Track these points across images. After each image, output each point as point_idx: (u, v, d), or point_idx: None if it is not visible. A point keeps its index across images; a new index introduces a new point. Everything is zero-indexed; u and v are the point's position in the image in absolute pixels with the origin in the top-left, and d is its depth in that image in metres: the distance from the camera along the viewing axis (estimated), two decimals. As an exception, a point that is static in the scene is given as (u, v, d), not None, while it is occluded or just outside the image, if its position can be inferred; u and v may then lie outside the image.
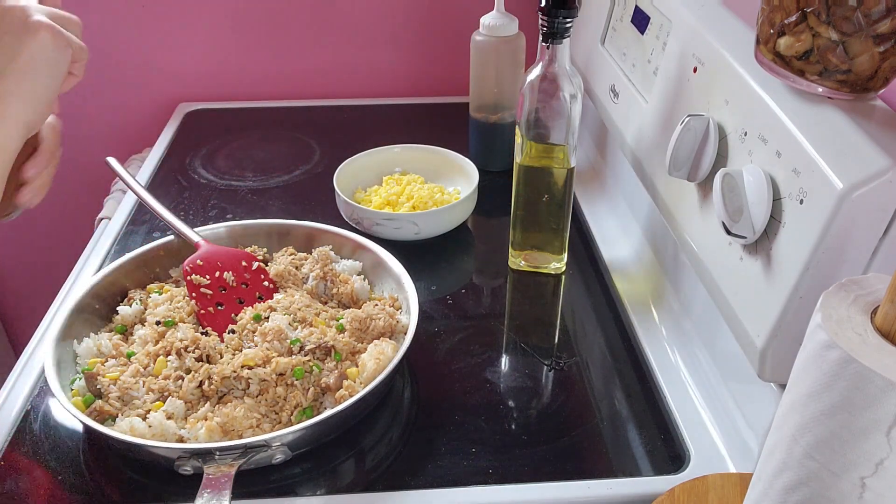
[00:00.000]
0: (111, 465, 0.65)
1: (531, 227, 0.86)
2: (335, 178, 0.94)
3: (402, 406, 0.72)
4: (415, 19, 1.26)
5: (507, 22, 0.99)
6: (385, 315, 0.73)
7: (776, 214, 0.56)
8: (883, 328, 0.38)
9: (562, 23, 0.73)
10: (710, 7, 0.73)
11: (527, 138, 0.80)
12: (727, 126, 0.63)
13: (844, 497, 0.39)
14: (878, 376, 0.36)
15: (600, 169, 1.09)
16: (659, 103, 0.77)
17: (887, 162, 0.49)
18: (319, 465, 0.65)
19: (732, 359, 0.69)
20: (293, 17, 1.24)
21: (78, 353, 0.70)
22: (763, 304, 0.56)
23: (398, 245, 0.87)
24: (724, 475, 0.59)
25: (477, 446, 0.67)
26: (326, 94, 1.31)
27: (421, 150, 1.03)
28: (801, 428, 0.40)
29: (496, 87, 1.03)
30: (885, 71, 0.53)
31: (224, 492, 0.56)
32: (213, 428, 0.61)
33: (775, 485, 0.43)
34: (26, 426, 0.69)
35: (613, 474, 0.64)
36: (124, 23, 1.21)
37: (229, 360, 0.67)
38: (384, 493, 0.63)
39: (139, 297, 0.76)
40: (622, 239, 0.95)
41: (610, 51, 0.93)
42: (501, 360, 0.77)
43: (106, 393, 0.66)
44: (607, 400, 0.72)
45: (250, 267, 0.78)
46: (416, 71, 1.31)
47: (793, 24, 0.54)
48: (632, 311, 0.83)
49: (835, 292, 0.41)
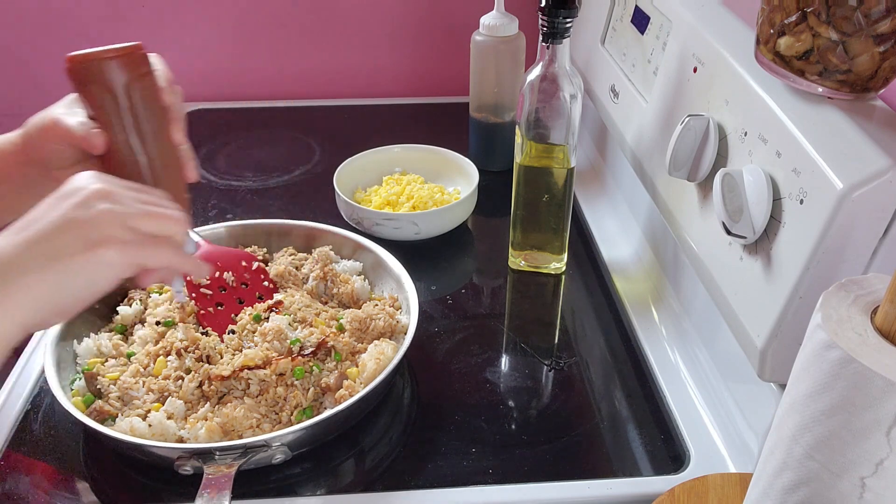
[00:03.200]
0: (111, 465, 0.65)
1: (531, 227, 0.86)
2: (335, 178, 0.94)
3: (402, 406, 0.72)
4: (415, 19, 1.26)
5: (507, 22, 0.99)
6: (385, 315, 0.73)
7: (776, 214, 0.56)
8: (883, 328, 0.38)
9: (562, 23, 0.73)
10: (710, 7, 0.73)
11: (527, 138, 0.80)
12: (727, 126, 0.63)
13: (844, 497, 0.39)
14: (878, 376, 0.36)
15: (600, 169, 1.09)
16: (659, 103, 0.77)
17: (887, 162, 0.49)
18: (319, 465, 0.65)
19: (732, 359, 0.69)
20: (293, 18, 1.24)
21: (78, 353, 0.70)
22: (763, 304, 0.56)
23: (398, 245, 0.87)
24: (724, 475, 0.59)
25: (477, 446, 0.67)
26: (326, 94, 1.31)
27: (421, 150, 1.03)
28: (801, 428, 0.40)
29: (496, 87, 1.03)
30: (885, 71, 0.53)
31: (224, 492, 0.56)
32: (213, 428, 0.61)
33: (775, 485, 0.43)
34: (26, 426, 0.69)
35: (613, 474, 0.64)
36: (124, 23, 1.21)
37: (229, 361, 0.67)
38: (384, 493, 0.63)
39: (139, 297, 0.76)
40: (622, 239, 0.95)
41: (610, 51, 0.93)
42: (501, 360, 0.77)
43: (106, 393, 0.66)
44: (607, 400, 0.72)
45: (250, 267, 0.78)
46: (416, 71, 1.31)
47: (793, 24, 0.54)
48: (632, 311, 0.83)
49: (835, 292, 0.41)
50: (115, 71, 0.55)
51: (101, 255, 0.47)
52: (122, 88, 0.55)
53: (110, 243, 0.47)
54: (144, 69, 0.57)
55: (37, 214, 0.48)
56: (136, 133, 0.57)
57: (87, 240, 0.47)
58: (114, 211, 0.48)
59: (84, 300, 0.48)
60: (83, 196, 0.48)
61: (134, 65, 0.56)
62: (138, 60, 0.56)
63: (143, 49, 0.57)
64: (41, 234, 0.46)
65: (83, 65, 0.55)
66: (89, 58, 0.55)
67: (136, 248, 0.48)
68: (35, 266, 0.45)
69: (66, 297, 0.47)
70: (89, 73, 0.55)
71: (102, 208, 0.48)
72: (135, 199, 0.50)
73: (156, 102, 0.58)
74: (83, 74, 0.55)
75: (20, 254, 0.45)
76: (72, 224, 0.47)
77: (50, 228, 0.46)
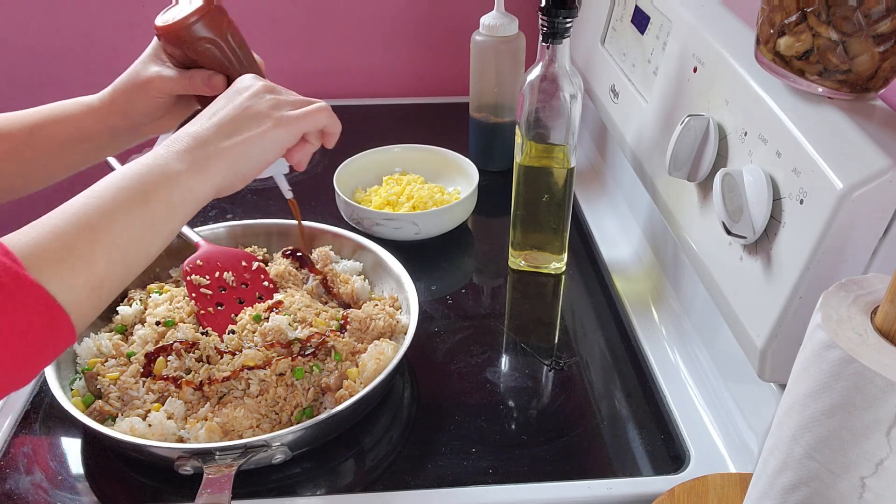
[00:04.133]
0: (111, 465, 0.65)
1: (531, 227, 0.86)
2: (335, 178, 0.94)
3: (402, 406, 0.72)
4: (415, 19, 1.26)
5: (507, 22, 0.99)
6: (385, 315, 0.73)
7: (776, 214, 0.56)
8: (883, 328, 0.38)
9: (562, 23, 0.73)
10: (710, 7, 0.73)
11: (527, 138, 0.80)
12: (727, 126, 0.63)
13: (844, 497, 0.39)
14: (878, 376, 0.36)
15: (600, 169, 1.09)
16: (659, 103, 0.77)
17: (887, 162, 0.49)
18: (319, 465, 0.65)
19: (732, 359, 0.69)
20: (293, 18, 1.24)
21: (78, 353, 0.70)
22: (763, 304, 0.56)
23: (398, 245, 0.87)
24: (724, 475, 0.59)
25: (477, 446, 0.67)
26: (327, 93, 1.31)
27: (421, 150, 1.03)
28: (801, 428, 0.40)
29: (496, 87, 1.03)
30: (885, 71, 0.53)
31: (224, 492, 0.56)
32: (213, 428, 0.61)
33: (775, 485, 0.43)
34: (26, 426, 0.69)
35: (613, 474, 0.64)
36: (124, 22, 1.21)
37: (229, 361, 0.67)
38: (384, 493, 0.63)
39: (139, 297, 0.76)
40: (622, 239, 0.95)
41: (610, 51, 0.93)
42: (501, 360, 0.77)
43: (106, 393, 0.66)
44: (607, 400, 0.72)
45: (250, 267, 0.78)
46: (415, 71, 1.31)
47: (793, 24, 0.54)
48: (632, 311, 0.83)
49: (835, 292, 0.41)
50: (210, 26, 0.66)
51: (272, 133, 0.60)
52: (220, 35, 0.67)
53: (279, 123, 0.60)
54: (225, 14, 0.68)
55: (220, 105, 0.61)
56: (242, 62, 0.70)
57: (261, 121, 0.60)
58: (277, 100, 0.62)
59: (260, 167, 0.61)
60: (254, 90, 0.62)
61: (219, 14, 0.67)
62: (218, 10, 0.67)
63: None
64: (227, 118, 0.59)
65: (180, 31, 0.66)
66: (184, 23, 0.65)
67: (296, 122, 0.62)
68: (226, 142, 0.58)
69: (247, 165, 0.59)
70: (190, 35, 0.66)
71: (269, 98, 0.62)
72: (286, 92, 0.64)
73: (239, 33, 0.69)
74: (182, 37, 0.66)
75: (215, 133, 0.58)
76: (249, 110, 0.60)
77: (234, 113, 0.60)
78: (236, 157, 0.58)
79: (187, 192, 0.56)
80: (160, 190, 0.54)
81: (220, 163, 0.57)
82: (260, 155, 0.60)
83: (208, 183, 0.57)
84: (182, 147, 0.57)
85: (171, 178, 0.55)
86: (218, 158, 0.57)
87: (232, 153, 0.58)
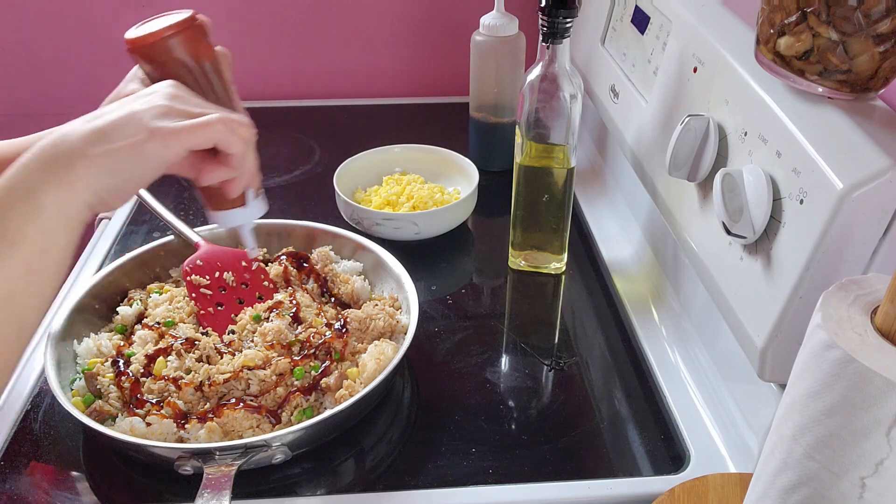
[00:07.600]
0: (111, 465, 0.65)
1: (531, 226, 0.86)
2: (335, 178, 0.94)
3: (402, 406, 0.72)
4: (415, 19, 1.26)
5: (507, 22, 0.99)
6: (385, 315, 0.73)
7: (776, 214, 0.56)
8: (883, 328, 0.38)
9: (562, 23, 0.73)
10: (710, 7, 0.73)
11: (527, 138, 0.80)
12: (727, 126, 0.63)
13: (844, 497, 0.39)
14: (878, 376, 0.36)
15: (600, 169, 1.09)
16: (659, 103, 0.77)
17: (887, 162, 0.49)
18: (319, 465, 0.65)
19: (732, 359, 0.69)
20: (293, 17, 1.24)
21: (78, 353, 0.70)
22: (763, 304, 0.56)
23: (398, 245, 0.87)
24: (724, 475, 0.59)
25: (477, 446, 0.67)
26: (327, 93, 1.31)
27: (421, 150, 1.03)
28: (801, 428, 0.40)
29: (496, 87, 1.03)
30: (885, 71, 0.53)
31: (224, 492, 0.56)
32: (213, 428, 0.61)
33: (775, 485, 0.43)
34: (26, 426, 0.69)
35: (613, 474, 0.64)
36: (124, 22, 1.21)
37: (229, 361, 0.67)
38: (384, 493, 0.63)
39: (139, 297, 0.76)
40: (622, 239, 0.95)
41: (610, 51, 0.93)
42: (501, 360, 0.77)
43: (106, 393, 0.66)
44: (607, 400, 0.72)
45: (250, 267, 0.78)
46: (415, 71, 1.31)
47: (793, 24, 0.54)
48: (632, 311, 0.83)
49: (835, 292, 0.41)
50: (186, 45, 0.58)
51: (145, 146, 0.51)
52: (196, 59, 0.59)
53: (153, 136, 0.51)
54: (205, 37, 0.60)
55: (112, 106, 0.53)
56: (218, 98, 0.61)
57: (137, 132, 0.51)
58: (169, 108, 0.53)
59: (137, 185, 0.52)
60: (154, 95, 0.53)
61: (199, 35, 0.59)
62: (199, 30, 0.59)
63: (197, 17, 0.59)
64: (106, 122, 0.51)
65: (151, 45, 0.57)
66: (157, 36, 0.57)
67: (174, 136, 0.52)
68: (92, 150, 0.50)
69: (119, 178, 0.51)
70: (163, 51, 0.58)
71: (160, 105, 0.52)
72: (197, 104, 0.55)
73: (219, 64, 0.61)
74: (152, 53, 0.58)
75: (84, 137, 0.50)
76: (131, 117, 0.51)
77: (115, 118, 0.51)
78: (107, 167, 0.50)
79: (57, 214, 0.48)
80: (26, 224, 0.47)
81: (85, 172, 0.49)
82: (134, 170, 0.51)
83: (77, 197, 0.49)
84: (47, 143, 0.50)
85: (34, 205, 0.48)
86: (82, 166, 0.49)
87: (97, 163, 0.50)
